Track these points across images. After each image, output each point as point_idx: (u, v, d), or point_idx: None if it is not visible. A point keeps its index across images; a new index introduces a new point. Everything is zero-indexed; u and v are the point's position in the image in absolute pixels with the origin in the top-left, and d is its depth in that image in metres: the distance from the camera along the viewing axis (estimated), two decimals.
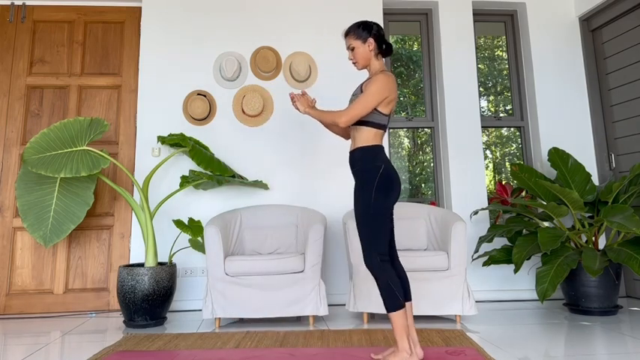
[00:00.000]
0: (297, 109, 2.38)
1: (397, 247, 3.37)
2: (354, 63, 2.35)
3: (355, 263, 3.10)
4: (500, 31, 4.55)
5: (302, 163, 3.88)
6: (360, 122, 2.25)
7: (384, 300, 2.12)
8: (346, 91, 3.98)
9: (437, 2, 4.22)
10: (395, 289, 2.11)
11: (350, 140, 2.38)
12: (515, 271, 3.19)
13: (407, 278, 2.29)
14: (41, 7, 4.00)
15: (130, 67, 3.97)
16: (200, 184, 3.51)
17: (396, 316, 2.09)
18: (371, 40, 2.29)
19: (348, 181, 3.82)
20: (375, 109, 2.22)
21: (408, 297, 2.26)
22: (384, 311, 2.96)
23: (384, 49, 2.34)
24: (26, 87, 3.88)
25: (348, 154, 2.34)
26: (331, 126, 2.46)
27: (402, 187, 4.68)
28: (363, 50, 2.30)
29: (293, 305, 3.01)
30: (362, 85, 2.29)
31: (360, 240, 2.19)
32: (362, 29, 2.31)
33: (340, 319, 3.18)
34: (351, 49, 2.33)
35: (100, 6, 4.04)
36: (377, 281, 2.14)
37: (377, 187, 2.17)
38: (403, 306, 2.11)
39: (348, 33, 2.34)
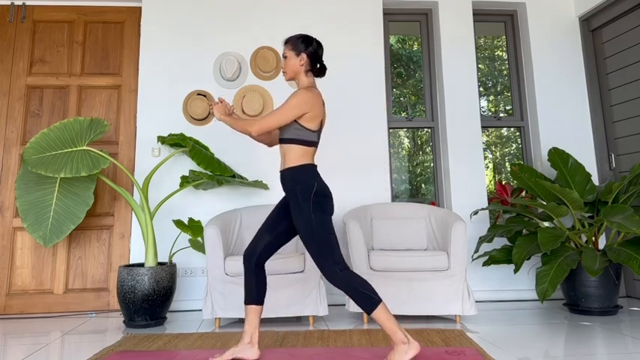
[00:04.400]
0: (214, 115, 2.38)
1: (398, 247, 3.39)
2: (283, 72, 2.35)
3: (355, 264, 3.10)
4: (500, 31, 4.55)
5: None
6: (288, 140, 2.24)
7: (361, 306, 2.12)
8: (346, 91, 4.01)
9: (437, 2, 4.22)
10: (365, 290, 2.12)
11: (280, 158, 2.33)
12: (515, 271, 3.19)
13: (265, 283, 2.30)
14: (41, 7, 4.00)
15: (130, 67, 3.97)
16: (200, 184, 3.51)
17: (379, 312, 2.10)
18: (303, 56, 2.28)
19: (348, 181, 3.84)
20: (300, 125, 2.21)
21: (260, 301, 2.26)
22: None
23: (317, 68, 2.32)
24: (26, 87, 3.88)
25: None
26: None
27: (403, 187, 4.73)
28: (293, 62, 2.30)
29: (293, 305, 3.01)
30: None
31: (313, 258, 2.18)
32: (300, 42, 2.30)
33: (340, 319, 3.18)
34: (284, 57, 2.33)
35: (100, 6, 4.04)
36: (345, 291, 2.14)
37: (313, 204, 2.18)
38: (380, 300, 2.11)
39: (287, 42, 2.35)
